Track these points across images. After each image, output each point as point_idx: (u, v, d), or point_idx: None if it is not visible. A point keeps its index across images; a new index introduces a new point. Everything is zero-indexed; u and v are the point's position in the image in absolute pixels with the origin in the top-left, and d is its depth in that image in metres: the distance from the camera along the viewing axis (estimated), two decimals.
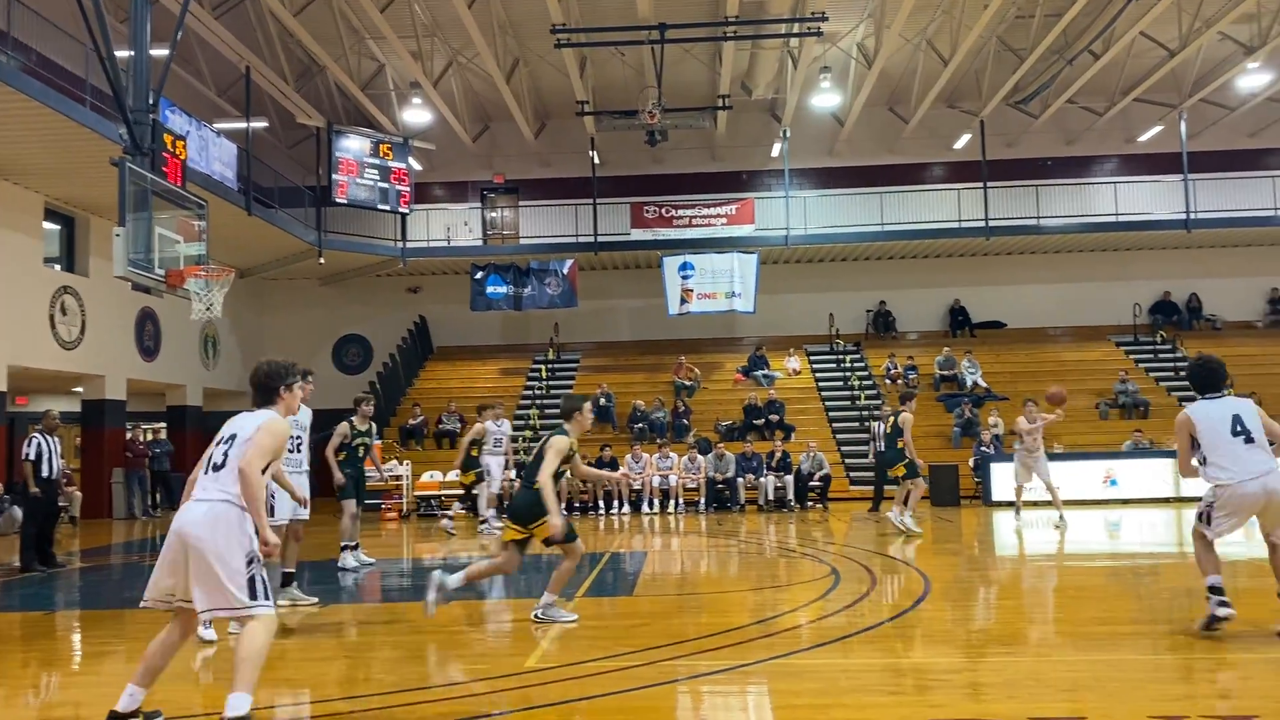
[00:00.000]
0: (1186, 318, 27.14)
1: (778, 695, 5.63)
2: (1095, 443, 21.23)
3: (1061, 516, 14.64)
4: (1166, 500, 18.55)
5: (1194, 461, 6.65)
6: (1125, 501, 18.48)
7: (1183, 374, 24.31)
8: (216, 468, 4.95)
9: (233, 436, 5.05)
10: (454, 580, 7.43)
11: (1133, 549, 13.14)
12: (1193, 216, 25.70)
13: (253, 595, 4.77)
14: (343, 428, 11.16)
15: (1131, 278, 27.36)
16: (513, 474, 17.32)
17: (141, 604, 4.92)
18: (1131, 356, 25.68)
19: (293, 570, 8.77)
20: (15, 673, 6.72)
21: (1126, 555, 12.46)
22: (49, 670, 6.92)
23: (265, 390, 5.41)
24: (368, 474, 12.15)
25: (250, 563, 4.80)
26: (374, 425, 11.81)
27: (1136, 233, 26.15)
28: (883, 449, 17.33)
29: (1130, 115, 26.78)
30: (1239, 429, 6.47)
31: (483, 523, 15.56)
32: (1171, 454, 19.11)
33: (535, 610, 7.78)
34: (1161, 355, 25.68)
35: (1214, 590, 6.56)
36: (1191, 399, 6.84)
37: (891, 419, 14.84)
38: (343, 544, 11.27)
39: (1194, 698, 5.37)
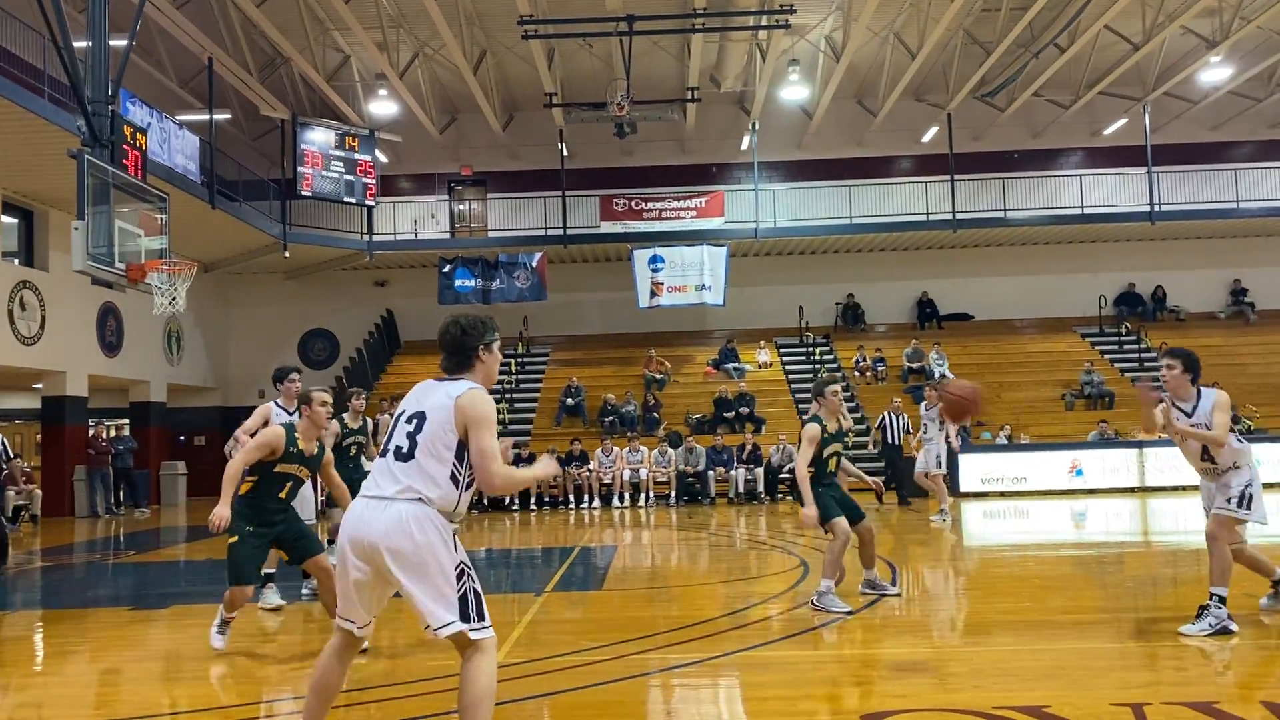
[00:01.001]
0: (1151, 309, 27.47)
1: (748, 687, 5.62)
2: (1061, 433, 21.46)
3: (944, 510, 14.57)
4: (1131, 490, 18.76)
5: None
6: (1091, 491, 18.67)
7: (1148, 366, 24.73)
8: (402, 455, 3.97)
9: (419, 416, 4.00)
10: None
11: (1098, 539, 13.27)
12: (1157, 209, 25.99)
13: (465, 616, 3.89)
14: (333, 426, 9.88)
15: (1097, 270, 27.63)
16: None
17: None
18: (1097, 348, 25.95)
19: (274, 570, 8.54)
20: None
21: (1092, 545, 12.58)
22: (9, 671, 6.78)
23: (461, 352, 4.16)
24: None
25: (460, 575, 3.92)
26: (368, 421, 10.79)
27: (1102, 225, 26.42)
28: (895, 442, 17.90)
29: (1095, 108, 27.03)
30: None
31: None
32: (1135, 444, 19.38)
33: (811, 598, 7.61)
34: (1126, 347, 25.96)
35: (1224, 600, 6.32)
36: (1154, 390, 6.88)
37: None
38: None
39: (1158, 684, 5.42)
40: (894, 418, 18.38)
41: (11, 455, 10.74)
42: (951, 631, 7.18)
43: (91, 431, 20.98)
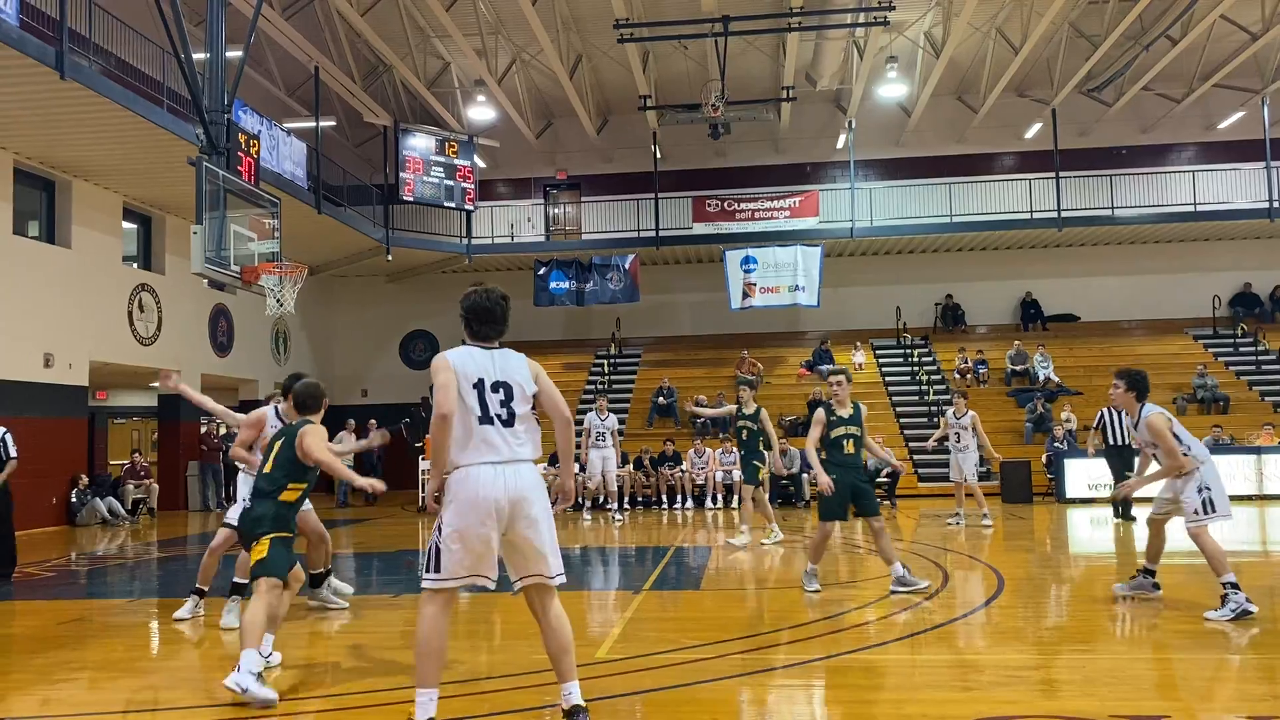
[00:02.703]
0: (1269, 310, 26.28)
1: (851, 690, 5.56)
2: None
3: (985, 515, 14.23)
4: (1248, 498, 17.98)
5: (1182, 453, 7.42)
6: None
7: (1266, 369, 23.68)
8: (507, 423, 4.54)
9: (505, 385, 4.59)
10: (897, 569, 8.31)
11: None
12: (1276, 205, 24.87)
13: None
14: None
15: (1210, 269, 26.57)
16: (614, 467, 17.41)
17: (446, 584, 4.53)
18: (1211, 350, 24.94)
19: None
20: (100, 658, 6.91)
21: None
22: (129, 655, 7.10)
23: (506, 322, 4.91)
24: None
25: None
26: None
27: (1216, 223, 25.38)
28: (1122, 441, 15.14)
29: (1209, 102, 26.00)
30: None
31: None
32: (1253, 450, 18.60)
33: (891, 587, 8.33)
34: (1242, 349, 24.89)
35: (1236, 584, 7.17)
36: (1273, 394, 6.71)
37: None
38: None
39: (1279, 698, 5.20)
40: (1116, 414, 15.11)
41: (12, 453, 10.72)
42: (1060, 638, 6.98)
43: (204, 429, 21.83)
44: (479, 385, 4.53)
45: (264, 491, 6.07)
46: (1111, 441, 15.42)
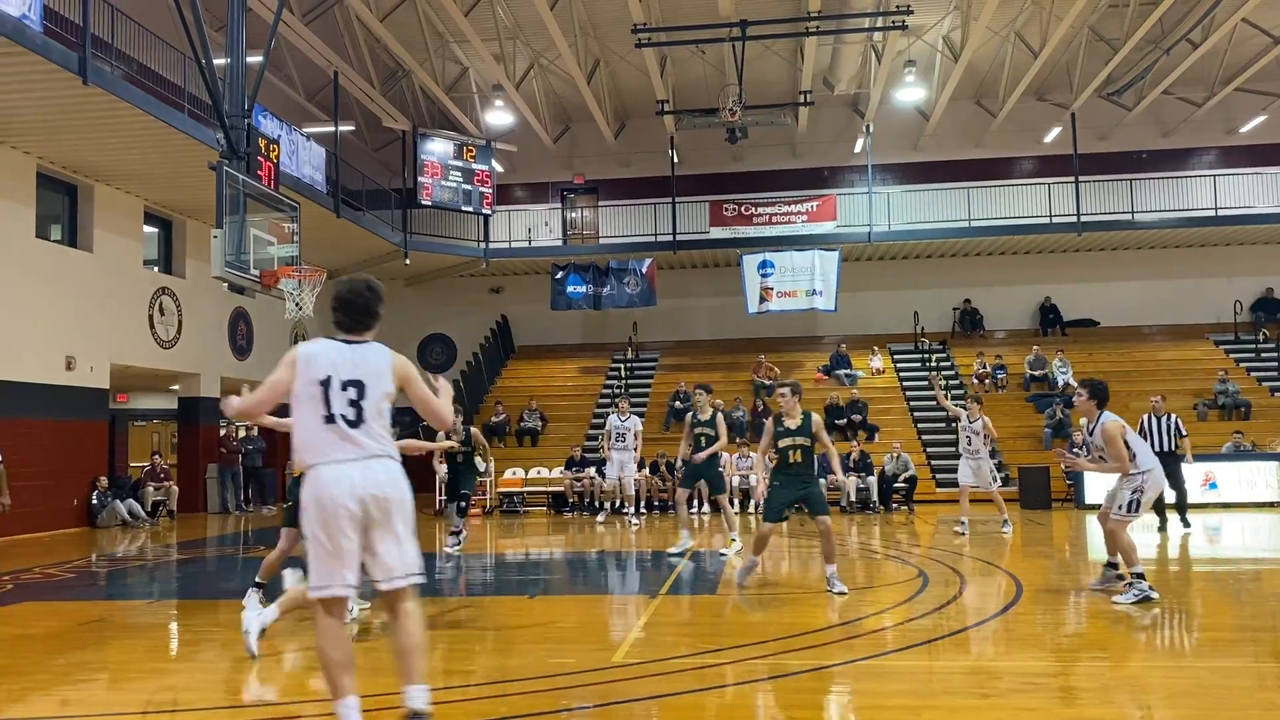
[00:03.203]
0: None
1: (867, 695, 5.54)
2: (1194, 445, 20.33)
3: (1005, 521, 14.05)
4: (1271, 505, 17.83)
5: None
6: (1226, 505, 17.81)
7: None
8: (354, 422, 4.33)
9: (357, 384, 4.38)
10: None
11: (1234, 554, 12.65)
12: None
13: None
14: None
15: (1232, 274, 26.36)
16: (632, 470, 17.40)
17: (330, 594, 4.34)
18: (1232, 356, 24.73)
19: None
20: (120, 659, 6.96)
21: (1227, 561, 12.00)
22: (149, 656, 7.15)
23: (375, 314, 4.67)
24: None
25: None
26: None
27: (1237, 227, 25.16)
28: (1167, 448, 14.36)
29: (1231, 105, 25.81)
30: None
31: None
32: (1274, 457, 18.45)
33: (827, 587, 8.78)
34: (1264, 354, 24.68)
35: (1143, 575, 8.16)
36: None
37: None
38: None
39: None
40: (1156, 421, 14.57)
41: None
42: (1078, 645, 6.94)
43: (223, 432, 21.96)
44: (325, 383, 4.34)
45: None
46: (1157, 449, 14.40)
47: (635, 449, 16.97)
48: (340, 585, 4.30)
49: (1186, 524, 14.47)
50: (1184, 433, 14.55)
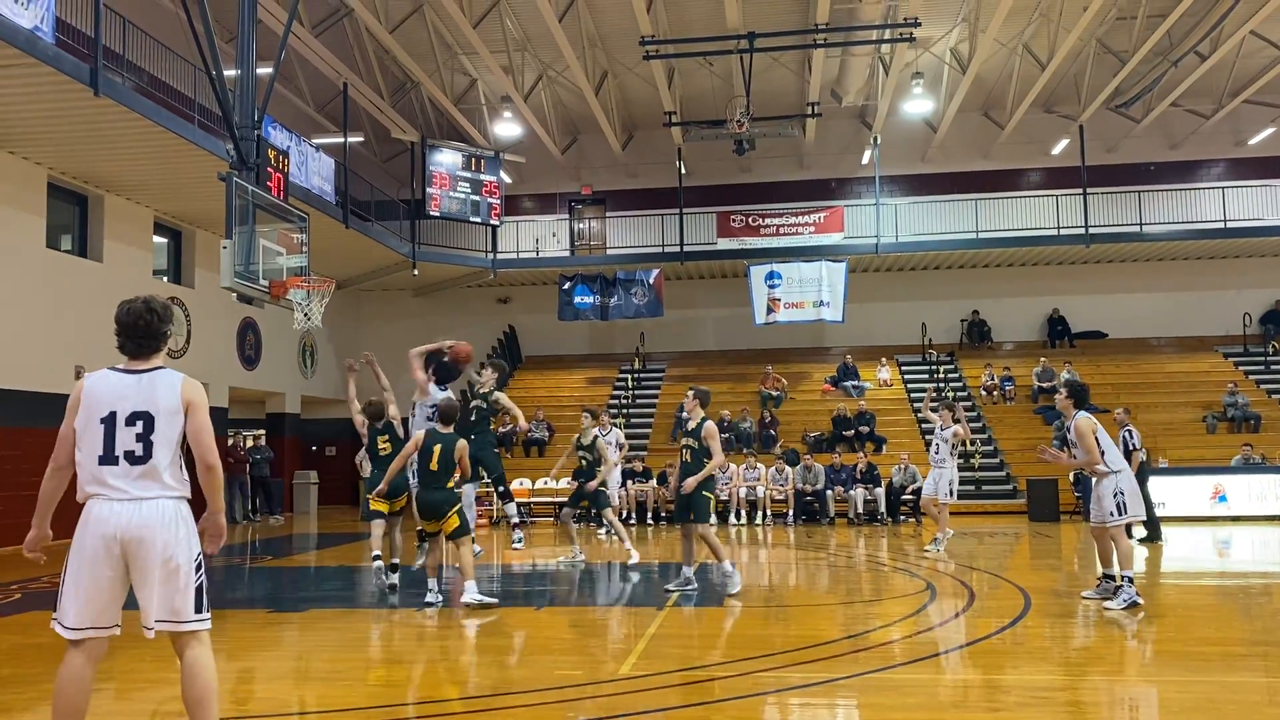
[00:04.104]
0: None
1: (874, 709, 5.52)
2: (1203, 457, 20.41)
3: (939, 539, 13.40)
4: (1279, 518, 17.74)
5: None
6: (1235, 518, 17.72)
7: None
8: (140, 459, 4.04)
9: (144, 416, 4.08)
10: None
11: (1244, 568, 12.58)
12: None
13: (199, 608, 4.11)
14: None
15: (1241, 286, 26.29)
16: (617, 479, 17.45)
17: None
18: (1241, 368, 24.64)
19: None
20: (127, 668, 6.97)
21: (1237, 574, 11.93)
22: (156, 666, 7.15)
23: (159, 336, 4.39)
24: None
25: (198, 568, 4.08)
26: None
27: (1246, 239, 25.11)
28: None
29: (1239, 117, 25.78)
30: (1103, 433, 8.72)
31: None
32: None
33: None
34: (1273, 367, 24.59)
35: (1132, 580, 8.39)
36: None
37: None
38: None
39: None
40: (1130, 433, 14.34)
41: None
42: (1087, 659, 6.91)
43: (230, 441, 22.00)
44: (108, 419, 4.05)
45: (438, 483, 8.89)
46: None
47: (617, 461, 17.13)
48: (91, 630, 4.12)
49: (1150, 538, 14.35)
50: (1135, 446, 14.17)
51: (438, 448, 8.91)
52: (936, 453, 13.87)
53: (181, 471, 4.18)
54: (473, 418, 11.31)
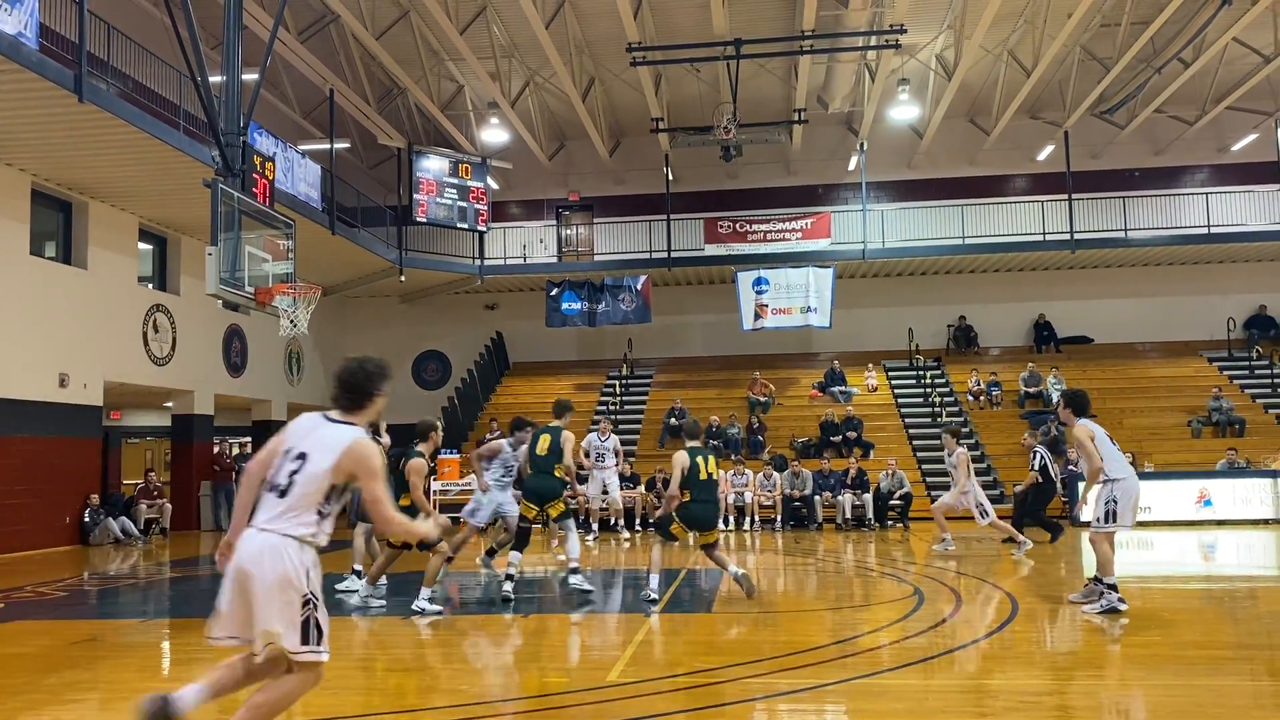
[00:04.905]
0: None
1: (862, 715, 5.52)
2: (1188, 461, 20.52)
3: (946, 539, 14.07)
4: (1265, 522, 17.83)
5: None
6: (1220, 522, 17.81)
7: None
8: (283, 492, 4.18)
9: (302, 455, 4.20)
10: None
11: (1229, 572, 12.64)
12: None
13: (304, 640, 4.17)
14: (419, 466, 9.76)
15: (1225, 291, 26.46)
16: (616, 484, 17.49)
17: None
18: (1225, 373, 24.79)
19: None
20: (112, 678, 6.92)
21: (1222, 578, 11.99)
22: (141, 675, 7.10)
23: (361, 392, 4.39)
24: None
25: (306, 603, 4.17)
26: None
27: (1230, 245, 25.27)
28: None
29: (1223, 124, 25.97)
30: (1111, 441, 8.68)
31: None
32: (1269, 474, 18.48)
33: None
34: (1258, 371, 24.75)
35: (1115, 587, 8.37)
36: None
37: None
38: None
39: None
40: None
41: None
42: (1074, 663, 6.93)
43: (216, 449, 21.89)
44: (288, 452, 4.23)
45: (544, 471, 9.79)
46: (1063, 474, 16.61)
47: (616, 466, 17.12)
48: (232, 639, 4.29)
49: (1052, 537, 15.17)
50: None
51: (546, 437, 9.97)
52: (955, 482, 14.34)
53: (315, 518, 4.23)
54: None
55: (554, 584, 11.09)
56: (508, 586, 9.61)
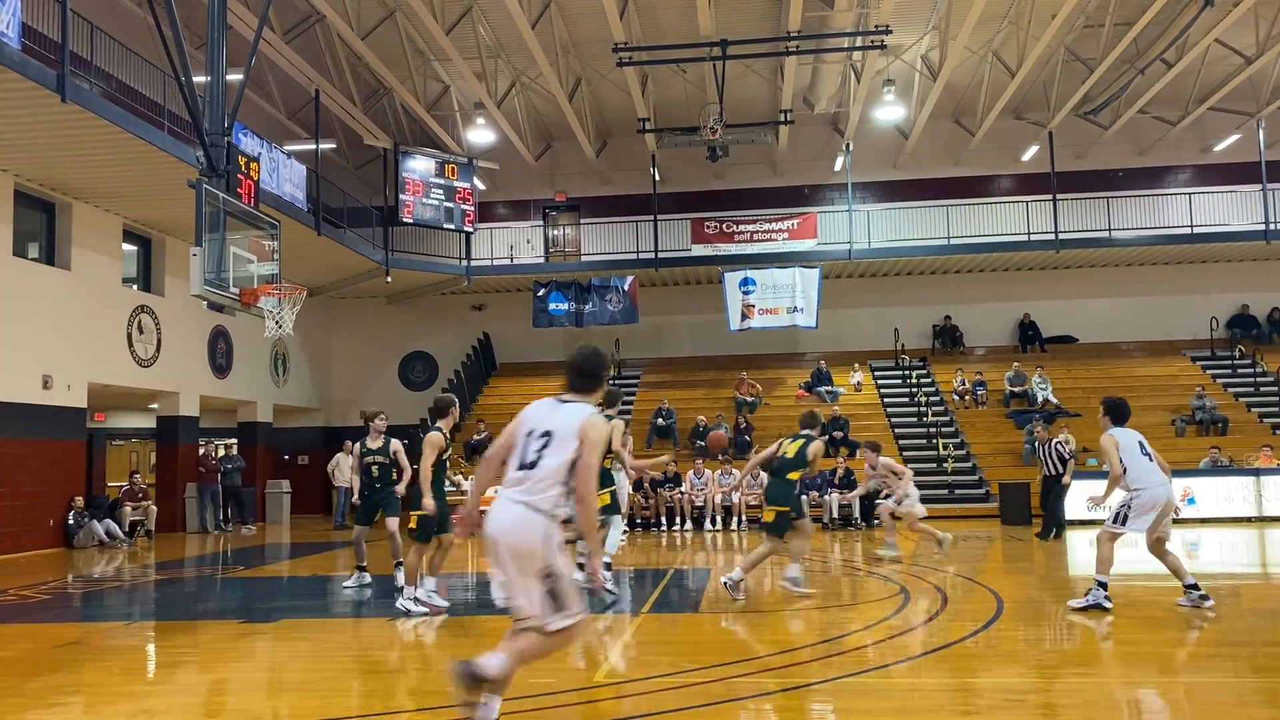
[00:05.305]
0: (1266, 331, 26.32)
1: (848, 714, 5.53)
2: (1171, 460, 20.35)
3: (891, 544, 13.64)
4: (1247, 520, 17.95)
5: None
6: (1203, 521, 17.92)
7: (1264, 390, 23.69)
8: (531, 465, 4.65)
9: (547, 434, 4.69)
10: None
11: (1212, 569, 12.72)
12: (1272, 227, 24.94)
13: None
14: (436, 439, 9.53)
15: (1208, 291, 26.64)
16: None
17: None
18: (1209, 372, 24.95)
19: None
20: (95, 681, 6.88)
21: (1205, 576, 12.04)
22: (126, 679, 7.07)
23: (594, 376, 5.00)
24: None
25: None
26: (390, 441, 10.98)
27: (1213, 245, 25.44)
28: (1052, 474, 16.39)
29: (1205, 124, 26.13)
30: (1144, 451, 8.76)
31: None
32: (1252, 472, 18.61)
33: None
34: (1240, 370, 24.92)
35: (1105, 585, 8.54)
36: (1271, 415, 6.78)
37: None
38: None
39: None
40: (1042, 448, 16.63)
41: None
42: (1059, 661, 6.96)
43: (202, 450, 21.79)
44: (530, 433, 4.74)
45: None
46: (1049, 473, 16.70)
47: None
48: (508, 601, 4.69)
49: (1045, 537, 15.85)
50: (1067, 456, 16.37)
51: None
52: (893, 491, 13.94)
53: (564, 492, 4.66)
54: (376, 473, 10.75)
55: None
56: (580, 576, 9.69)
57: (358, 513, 11.00)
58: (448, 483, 10.41)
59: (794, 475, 9.83)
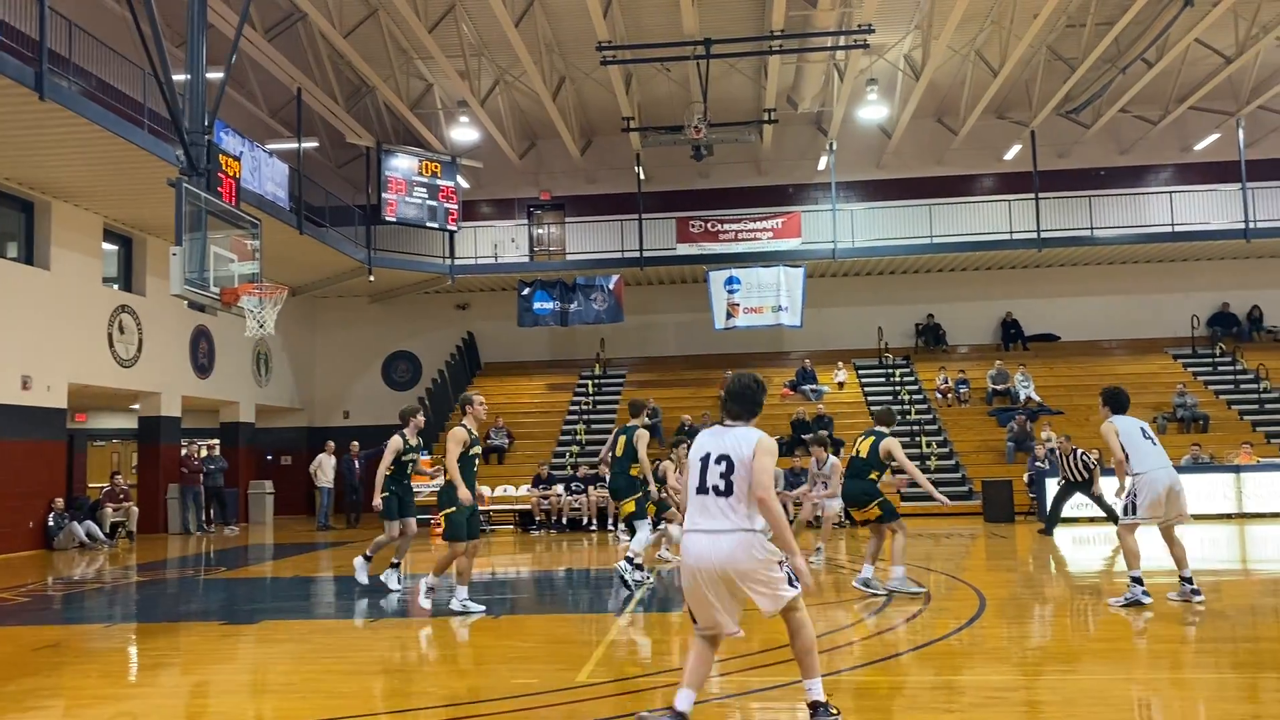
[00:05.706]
0: (1247, 329, 26.54)
1: None
2: None
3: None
4: (1228, 516, 18.08)
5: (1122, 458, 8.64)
6: None
7: (1244, 388, 23.88)
8: (724, 493, 4.90)
9: (725, 458, 4.94)
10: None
11: (1193, 566, 12.77)
12: (1252, 226, 25.13)
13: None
14: (395, 443, 10.63)
15: (1189, 289, 26.83)
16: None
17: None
18: (1190, 370, 25.13)
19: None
20: (75, 684, 6.83)
21: None
22: (107, 681, 7.01)
23: (753, 402, 5.21)
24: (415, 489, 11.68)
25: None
26: (421, 439, 11.20)
27: (1194, 243, 25.62)
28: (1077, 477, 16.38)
29: (1186, 124, 26.31)
30: (1146, 435, 8.72)
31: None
32: (1232, 469, 18.75)
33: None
34: (1221, 368, 25.10)
35: (1140, 580, 8.63)
36: (1251, 412, 6.85)
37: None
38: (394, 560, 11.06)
39: (1260, 717, 5.21)
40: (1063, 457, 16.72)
41: None
42: (1041, 659, 6.99)
43: (184, 451, 21.66)
44: (705, 459, 5.00)
45: (619, 471, 10.58)
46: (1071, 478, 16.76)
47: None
48: (706, 629, 5.07)
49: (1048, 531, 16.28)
50: (1092, 465, 16.48)
51: (622, 437, 10.64)
52: (825, 487, 13.95)
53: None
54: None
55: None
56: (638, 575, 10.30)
57: (395, 508, 10.74)
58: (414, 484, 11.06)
59: (874, 475, 9.88)
